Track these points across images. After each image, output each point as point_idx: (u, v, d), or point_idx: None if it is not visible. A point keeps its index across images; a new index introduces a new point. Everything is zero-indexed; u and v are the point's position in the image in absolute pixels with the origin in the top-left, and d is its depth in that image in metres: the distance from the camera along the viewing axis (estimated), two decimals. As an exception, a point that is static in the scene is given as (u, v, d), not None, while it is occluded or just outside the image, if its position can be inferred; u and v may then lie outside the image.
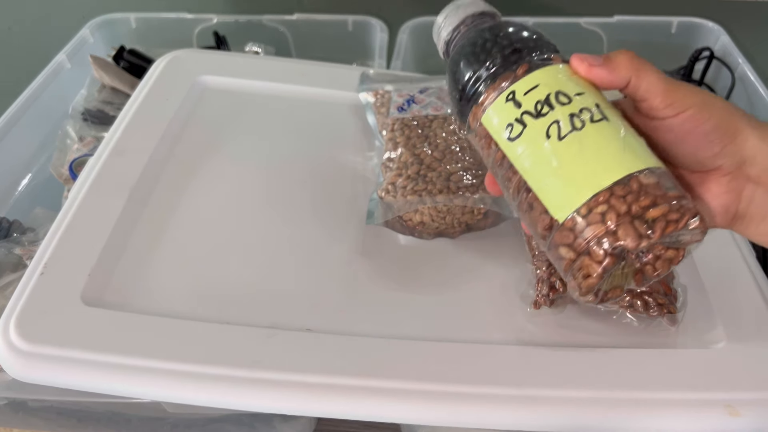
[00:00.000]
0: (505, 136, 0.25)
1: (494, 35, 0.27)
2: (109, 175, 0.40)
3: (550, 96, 0.24)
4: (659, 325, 0.33)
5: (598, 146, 0.23)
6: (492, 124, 0.25)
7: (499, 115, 0.25)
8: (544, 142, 0.24)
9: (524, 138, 0.24)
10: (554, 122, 0.24)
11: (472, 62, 0.26)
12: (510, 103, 0.24)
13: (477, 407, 0.30)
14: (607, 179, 0.22)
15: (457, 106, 0.28)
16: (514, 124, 0.24)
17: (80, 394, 0.32)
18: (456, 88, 0.27)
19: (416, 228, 0.38)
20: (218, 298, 0.34)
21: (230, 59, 0.54)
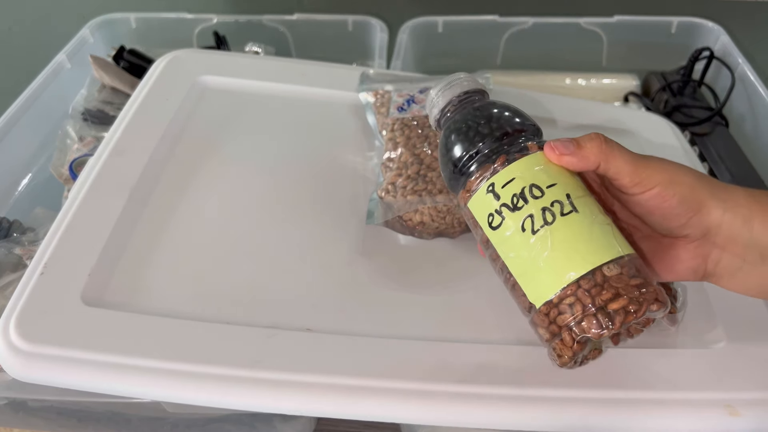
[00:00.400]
0: (488, 223, 0.28)
1: (481, 118, 0.29)
2: (110, 175, 0.40)
3: (524, 189, 0.27)
4: (659, 325, 0.33)
5: (566, 240, 0.26)
6: (476, 211, 0.28)
7: (482, 205, 0.28)
8: (519, 235, 0.26)
9: (503, 228, 0.27)
10: (528, 216, 0.26)
11: (462, 143, 0.29)
12: (490, 195, 0.27)
13: (477, 407, 0.30)
14: (574, 273, 0.25)
15: (449, 179, 0.30)
16: (495, 215, 0.27)
17: (80, 394, 0.32)
18: (448, 163, 0.30)
19: (416, 228, 0.38)
20: (218, 298, 0.34)
21: (230, 59, 0.54)
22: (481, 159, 0.28)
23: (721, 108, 0.59)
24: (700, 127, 0.58)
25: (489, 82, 0.48)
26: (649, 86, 0.66)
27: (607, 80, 0.67)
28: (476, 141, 0.28)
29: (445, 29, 0.68)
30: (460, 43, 0.69)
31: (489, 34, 0.69)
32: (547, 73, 0.67)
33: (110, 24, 0.70)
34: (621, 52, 0.69)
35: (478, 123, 0.29)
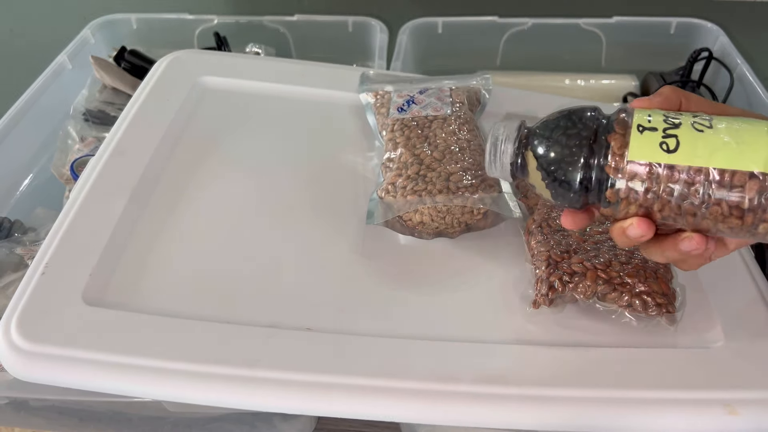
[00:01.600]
0: (664, 151, 0.26)
1: (569, 115, 0.28)
2: (111, 176, 0.40)
3: (665, 115, 0.27)
4: (658, 324, 0.33)
5: (733, 120, 0.26)
6: (644, 154, 0.26)
7: (644, 145, 0.26)
8: (702, 135, 0.26)
9: (685, 142, 0.26)
10: (693, 122, 0.26)
11: (578, 133, 0.27)
12: (647, 133, 0.26)
13: (476, 406, 0.30)
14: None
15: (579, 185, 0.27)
16: (666, 141, 0.26)
17: (82, 394, 0.32)
18: (574, 162, 0.27)
19: (416, 228, 0.38)
20: (219, 298, 0.34)
21: (231, 60, 0.54)
22: (604, 127, 0.27)
23: (720, 108, 0.59)
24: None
25: (489, 83, 0.48)
26: (648, 87, 0.66)
27: (606, 81, 0.67)
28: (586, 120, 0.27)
29: (444, 30, 0.68)
30: (459, 44, 0.69)
31: (488, 34, 0.69)
32: (547, 74, 0.68)
33: (111, 25, 0.71)
34: (620, 52, 0.69)
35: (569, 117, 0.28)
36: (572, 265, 0.34)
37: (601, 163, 0.27)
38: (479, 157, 0.40)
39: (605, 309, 0.34)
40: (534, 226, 0.37)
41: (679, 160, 0.26)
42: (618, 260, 0.34)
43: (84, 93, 0.62)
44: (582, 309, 0.34)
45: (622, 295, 0.33)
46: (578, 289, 0.33)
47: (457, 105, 0.44)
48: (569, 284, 0.33)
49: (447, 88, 0.45)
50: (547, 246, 0.35)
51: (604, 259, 0.34)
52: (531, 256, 0.36)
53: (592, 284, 0.33)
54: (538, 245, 0.36)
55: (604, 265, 0.34)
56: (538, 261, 0.35)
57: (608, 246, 0.35)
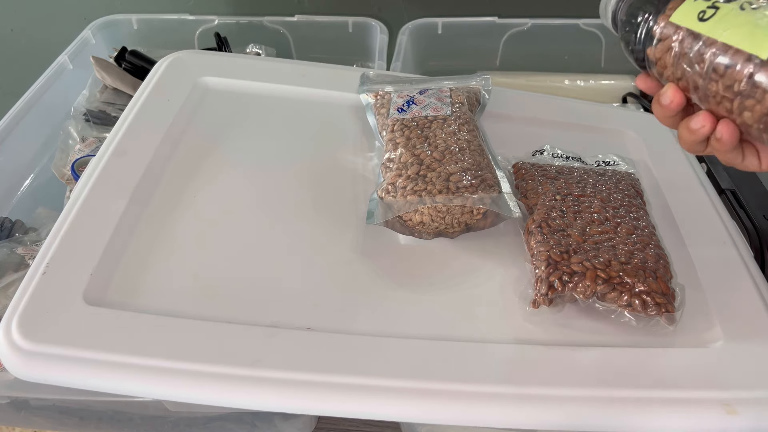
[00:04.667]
0: (698, 18, 0.27)
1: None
2: (111, 176, 0.40)
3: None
4: (657, 324, 0.33)
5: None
6: (682, 18, 0.28)
7: (691, 9, 0.28)
8: (738, 12, 0.26)
9: (718, 16, 0.27)
10: (746, 1, 0.26)
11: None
12: (700, 1, 0.27)
13: (476, 406, 0.30)
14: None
15: (638, 28, 0.30)
16: (706, 11, 0.27)
17: (82, 393, 0.32)
18: (639, 16, 0.30)
19: (416, 228, 0.38)
20: (220, 298, 0.34)
21: (231, 60, 0.55)
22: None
23: (719, 109, 0.59)
24: (698, 128, 0.58)
25: (488, 84, 0.48)
26: (648, 87, 0.66)
27: (605, 81, 0.67)
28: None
29: (444, 31, 0.69)
30: (459, 45, 0.69)
31: (488, 35, 0.69)
32: (546, 74, 0.68)
33: (112, 25, 0.71)
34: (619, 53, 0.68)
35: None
36: (572, 264, 0.34)
37: (654, 20, 0.29)
38: (479, 157, 0.40)
39: (605, 309, 0.34)
40: (534, 226, 0.37)
41: (703, 29, 0.27)
42: (617, 260, 0.34)
43: (85, 93, 0.62)
44: (581, 309, 0.34)
45: (621, 295, 0.33)
46: (578, 288, 0.33)
47: (457, 105, 0.44)
48: (569, 284, 0.33)
49: (447, 89, 0.45)
50: (547, 246, 0.35)
51: (603, 258, 0.34)
52: (531, 255, 0.36)
53: (591, 284, 0.33)
54: (537, 245, 0.36)
55: (604, 264, 0.34)
56: (537, 261, 0.35)
57: (608, 246, 0.35)
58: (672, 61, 0.28)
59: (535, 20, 0.68)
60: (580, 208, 0.38)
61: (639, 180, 0.43)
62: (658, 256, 0.35)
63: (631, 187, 0.41)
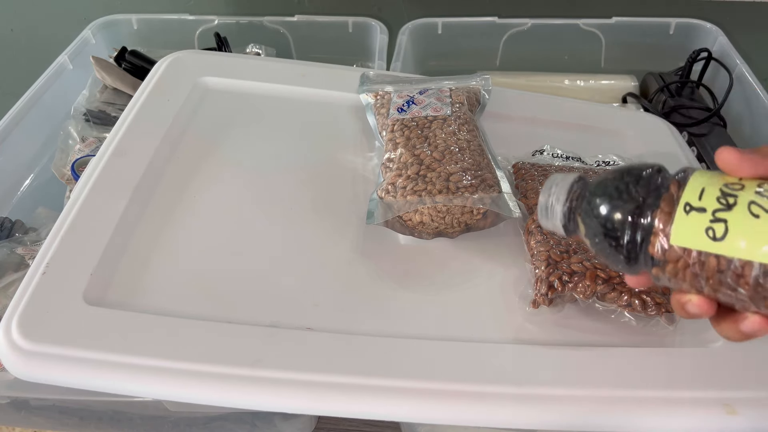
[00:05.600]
0: (710, 239, 0.24)
1: (621, 178, 0.26)
2: (111, 176, 0.40)
3: (723, 190, 0.24)
4: (657, 323, 0.33)
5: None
6: (687, 239, 0.24)
7: (690, 228, 0.24)
8: (755, 221, 0.23)
9: (733, 230, 0.23)
10: (751, 203, 0.23)
11: (622, 207, 0.25)
12: (693, 213, 0.24)
13: (476, 406, 0.30)
14: None
15: (622, 251, 0.26)
16: (714, 228, 0.24)
17: (82, 393, 0.32)
18: (618, 237, 0.26)
19: (416, 228, 0.38)
20: (220, 297, 0.34)
21: (231, 60, 0.55)
22: (653, 201, 0.25)
23: (719, 109, 0.59)
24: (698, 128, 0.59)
25: (488, 83, 0.48)
26: (648, 87, 0.66)
27: (605, 81, 0.67)
28: (633, 192, 0.25)
29: (444, 31, 0.69)
30: (459, 45, 0.69)
31: (488, 35, 0.69)
32: (546, 74, 0.68)
33: (112, 25, 0.71)
34: (619, 53, 0.69)
35: (622, 177, 0.26)
36: (572, 264, 0.34)
37: (645, 241, 0.25)
38: (479, 157, 0.40)
39: (604, 308, 0.34)
40: (534, 226, 0.37)
41: (725, 250, 0.23)
42: (617, 260, 0.34)
43: (85, 93, 0.62)
44: (581, 309, 0.34)
45: (621, 295, 0.33)
46: (578, 288, 0.33)
47: (457, 105, 0.44)
48: (569, 284, 0.33)
49: (447, 89, 0.45)
50: (547, 246, 0.35)
51: (603, 258, 0.34)
52: (530, 255, 0.36)
53: (591, 284, 0.33)
54: (537, 245, 0.36)
55: (604, 264, 0.34)
56: (537, 261, 0.35)
57: (608, 246, 0.35)
58: (693, 279, 0.24)
59: (535, 20, 0.68)
60: (580, 208, 0.38)
61: (639, 180, 0.43)
62: (658, 256, 0.35)
63: (631, 187, 0.41)
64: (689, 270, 0.24)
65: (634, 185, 0.25)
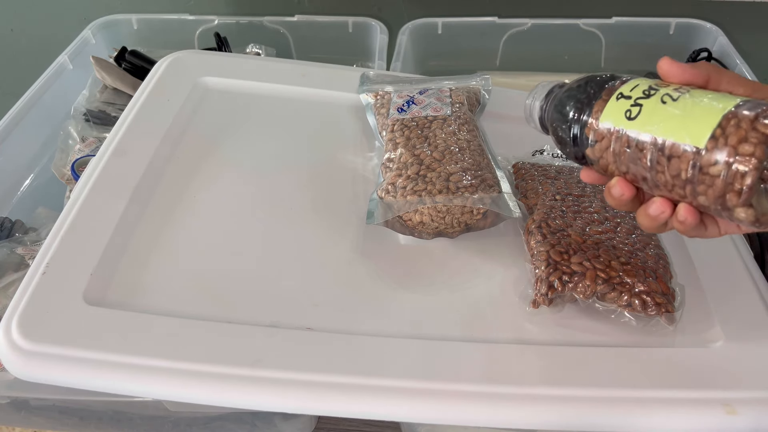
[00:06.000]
0: (625, 118, 0.28)
1: (583, 81, 0.31)
2: (111, 176, 0.40)
3: (650, 86, 0.29)
4: (657, 324, 0.33)
5: (707, 95, 0.27)
6: (611, 117, 0.29)
7: (615, 110, 0.29)
8: (662, 106, 0.27)
9: (644, 112, 0.28)
10: (665, 94, 0.28)
11: (575, 98, 0.31)
12: (621, 100, 0.29)
13: (476, 405, 0.30)
14: (727, 103, 0.26)
15: (569, 135, 0.31)
16: (631, 109, 0.28)
17: (82, 393, 0.32)
18: (567, 121, 0.31)
19: (416, 228, 0.38)
20: (219, 298, 0.34)
21: (231, 60, 0.55)
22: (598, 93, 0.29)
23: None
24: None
25: (488, 84, 0.48)
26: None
27: (606, 81, 0.67)
28: (586, 87, 0.30)
29: (444, 31, 0.69)
30: (459, 45, 0.69)
31: (488, 35, 0.69)
32: (546, 74, 0.68)
33: (112, 25, 0.71)
34: (619, 53, 0.69)
35: (579, 83, 0.31)
36: (572, 264, 0.34)
37: (583, 122, 0.30)
38: (479, 157, 0.40)
39: (605, 309, 0.34)
40: (534, 226, 0.37)
41: (634, 126, 0.28)
42: (617, 260, 0.34)
43: (85, 93, 0.62)
44: (581, 309, 0.34)
45: (621, 295, 0.33)
46: (578, 288, 0.33)
47: (457, 105, 0.44)
48: (569, 284, 0.33)
49: (447, 89, 0.45)
50: (547, 246, 0.35)
51: (603, 258, 0.34)
52: (530, 255, 0.36)
53: (591, 284, 0.33)
54: (537, 245, 0.36)
55: (604, 264, 0.34)
56: (537, 261, 0.35)
57: (608, 246, 0.35)
58: (613, 159, 0.29)
59: (535, 20, 0.68)
60: (580, 208, 0.38)
61: (639, 180, 0.43)
62: (658, 256, 0.35)
63: (631, 187, 0.41)
64: (610, 150, 0.29)
65: (590, 84, 0.30)
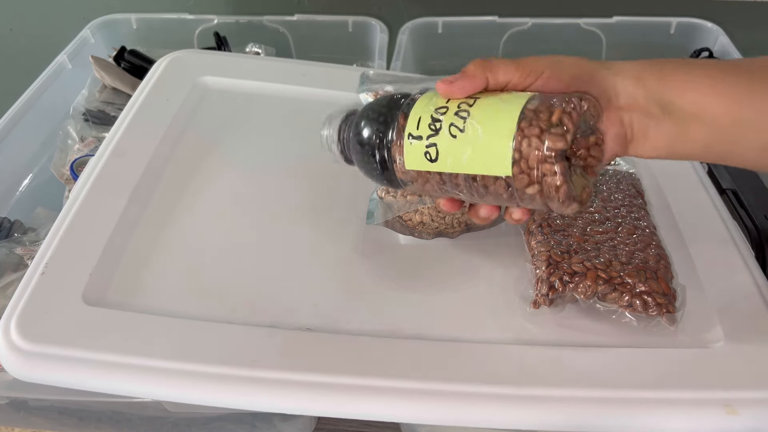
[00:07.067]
0: (429, 161, 0.29)
1: (366, 115, 0.31)
2: (110, 176, 0.40)
3: (432, 116, 0.29)
4: (658, 324, 0.33)
5: (488, 114, 0.28)
6: (415, 163, 0.30)
7: (414, 154, 0.29)
8: (454, 141, 0.28)
9: (442, 151, 0.29)
10: (450, 125, 0.28)
11: (370, 143, 0.31)
12: (414, 141, 0.29)
13: (476, 406, 0.30)
14: (511, 123, 0.27)
15: (382, 177, 0.31)
16: (428, 151, 0.29)
17: (81, 394, 0.32)
18: (374, 168, 0.31)
19: (416, 228, 0.38)
20: (219, 298, 0.34)
21: (231, 60, 0.54)
22: (388, 133, 0.30)
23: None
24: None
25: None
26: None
27: (606, 81, 0.67)
28: (377, 128, 0.30)
29: (444, 30, 0.68)
30: (459, 44, 0.69)
31: (489, 34, 0.69)
32: (547, 74, 0.68)
33: (111, 25, 0.71)
34: (620, 52, 0.69)
35: (367, 114, 0.31)
36: (572, 265, 0.34)
37: (391, 168, 0.30)
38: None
39: (605, 309, 0.34)
40: (534, 226, 0.37)
41: (439, 167, 0.29)
42: (618, 260, 0.34)
43: (84, 93, 0.62)
44: (582, 309, 0.34)
45: (622, 295, 0.33)
46: (578, 289, 0.33)
47: (457, 105, 0.44)
48: (569, 284, 0.33)
49: (447, 88, 0.45)
50: (548, 246, 0.35)
51: (604, 259, 0.34)
52: (531, 256, 0.36)
53: (592, 284, 0.33)
54: (538, 245, 0.36)
55: (605, 265, 0.34)
56: (538, 261, 0.35)
57: (609, 246, 0.35)
58: (433, 191, 0.30)
59: (536, 20, 0.68)
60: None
61: (640, 180, 0.43)
62: (659, 256, 0.35)
63: (631, 187, 0.41)
64: (428, 185, 0.30)
65: (377, 123, 0.30)
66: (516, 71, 0.29)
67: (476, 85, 0.29)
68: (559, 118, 0.26)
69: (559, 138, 0.26)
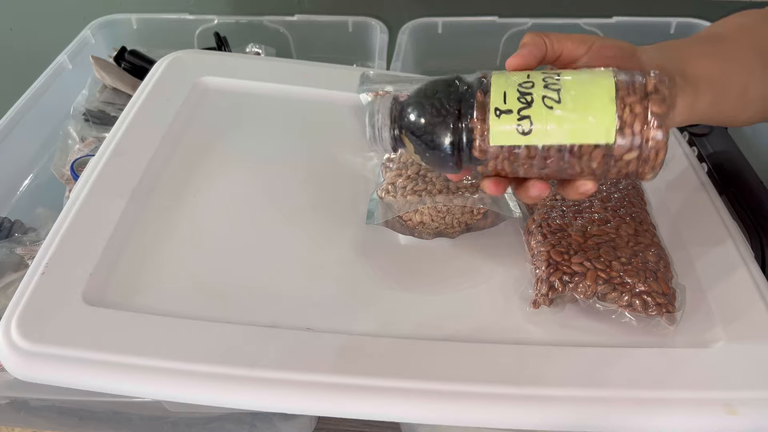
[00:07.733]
0: (520, 134, 0.28)
1: (431, 95, 0.30)
2: (111, 176, 0.40)
3: (519, 90, 0.29)
4: (658, 324, 0.33)
5: (581, 85, 0.28)
6: (502, 139, 0.29)
7: (503, 129, 0.29)
8: (550, 112, 0.28)
9: (537, 123, 0.28)
10: (543, 97, 0.28)
11: (444, 123, 0.29)
12: (503, 116, 0.28)
13: (476, 406, 0.30)
14: (611, 92, 0.28)
15: (449, 159, 0.30)
16: (521, 123, 0.28)
17: (82, 393, 0.32)
18: (441, 150, 0.30)
19: (416, 228, 0.38)
20: (219, 298, 0.34)
21: (231, 60, 0.54)
22: (464, 112, 0.29)
23: (720, 108, 0.59)
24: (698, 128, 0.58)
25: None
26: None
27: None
28: (448, 106, 0.29)
29: (444, 30, 0.68)
30: (459, 44, 0.69)
31: (489, 34, 0.69)
32: (547, 74, 0.68)
33: (111, 25, 0.71)
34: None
35: (435, 93, 0.30)
36: (572, 265, 0.34)
37: (468, 147, 0.29)
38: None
39: (605, 309, 0.34)
40: (534, 226, 0.37)
41: (531, 140, 0.28)
42: (618, 260, 0.34)
43: (84, 93, 0.62)
44: (582, 309, 0.34)
45: (622, 295, 0.33)
46: (578, 289, 0.33)
47: (457, 105, 0.44)
48: (569, 284, 0.33)
49: (447, 88, 0.45)
50: (547, 246, 0.35)
51: (604, 259, 0.34)
52: (531, 256, 0.36)
53: (592, 284, 0.33)
54: (538, 245, 0.36)
55: (604, 265, 0.34)
56: (538, 261, 0.35)
57: (608, 246, 0.35)
58: (512, 168, 0.29)
59: (536, 20, 0.68)
60: (581, 208, 0.38)
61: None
62: (658, 256, 0.35)
63: (631, 187, 0.41)
64: (507, 161, 0.29)
65: (447, 100, 0.29)
66: (568, 40, 0.31)
67: (540, 50, 0.31)
68: (654, 86, 0.28)
69: (661, 103, 0.27)
